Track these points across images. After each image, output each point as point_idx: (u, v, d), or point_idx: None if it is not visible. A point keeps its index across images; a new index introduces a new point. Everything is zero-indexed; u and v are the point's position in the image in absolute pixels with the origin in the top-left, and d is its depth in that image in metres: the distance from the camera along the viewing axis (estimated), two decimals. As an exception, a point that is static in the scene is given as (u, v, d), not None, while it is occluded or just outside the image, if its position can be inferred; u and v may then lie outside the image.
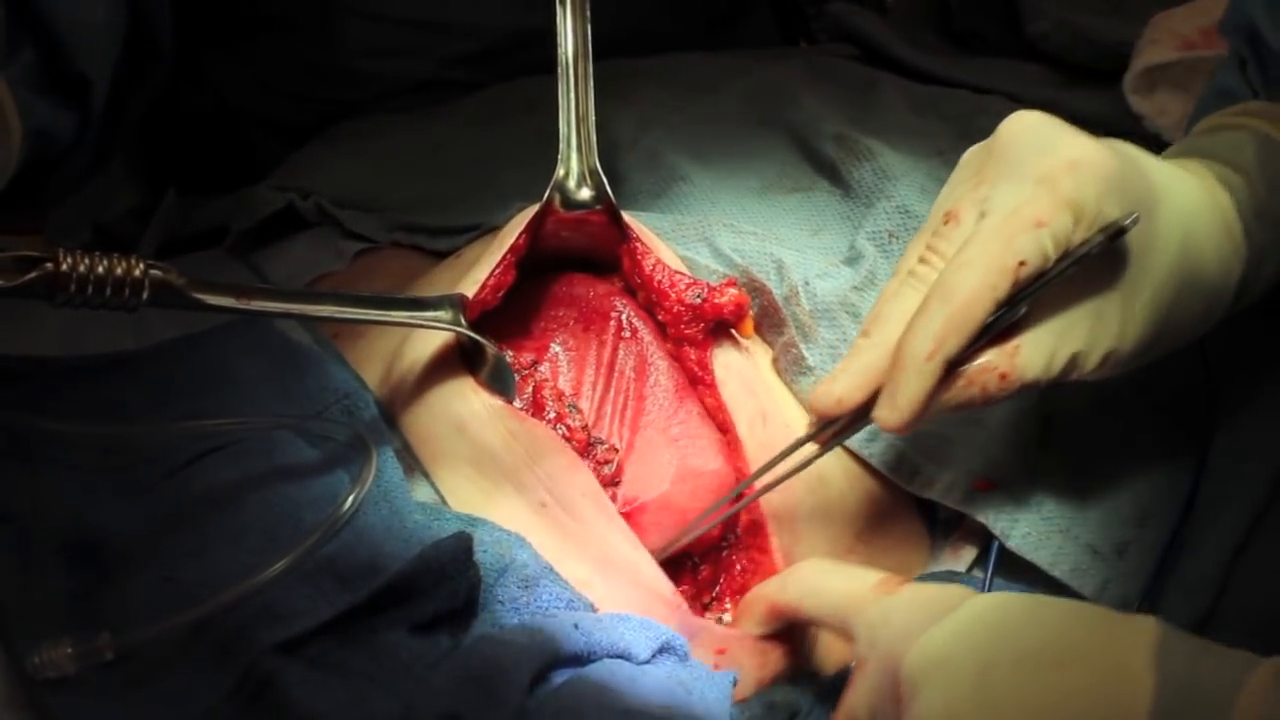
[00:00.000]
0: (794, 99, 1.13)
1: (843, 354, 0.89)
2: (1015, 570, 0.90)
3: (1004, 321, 0.76)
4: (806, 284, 0.94)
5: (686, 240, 0.98)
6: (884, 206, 1.01)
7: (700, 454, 0.89)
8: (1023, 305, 0.76)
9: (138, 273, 0.70)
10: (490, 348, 0.86)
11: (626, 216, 0.93)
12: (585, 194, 0.92)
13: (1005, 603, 0.71)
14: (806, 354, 0.93)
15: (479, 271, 0.89)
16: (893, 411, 0.76)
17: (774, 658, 0.82)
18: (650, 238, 0.94)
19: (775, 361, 0.96)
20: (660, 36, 1.29)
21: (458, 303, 0.85)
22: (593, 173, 0.92)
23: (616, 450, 0.88)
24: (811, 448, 0.83)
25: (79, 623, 0.71)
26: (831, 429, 0.82)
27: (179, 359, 0.89)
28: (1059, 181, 0.75)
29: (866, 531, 0.92)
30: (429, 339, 0.87)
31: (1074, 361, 0.78)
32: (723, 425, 0.91)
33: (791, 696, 0.81)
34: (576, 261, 0.96)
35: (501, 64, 1.24)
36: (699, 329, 0.91)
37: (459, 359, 0.87)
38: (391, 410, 0.89)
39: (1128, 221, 0.74)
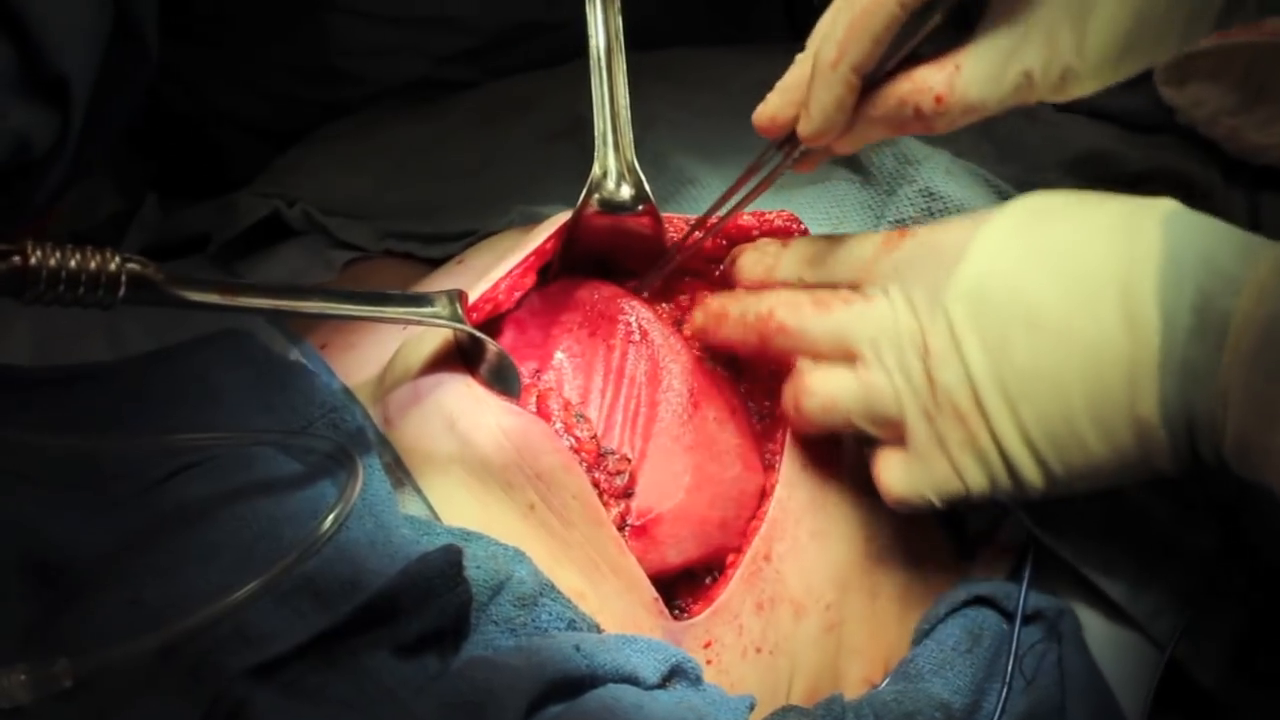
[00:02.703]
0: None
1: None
2: (1051, 584, 0.87)
3: (923, 31, 0.73)
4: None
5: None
6: (906, 192, 0.98)
7: (718, 460, 0.84)
8: (936, 14, 0.72)
9: (113, 267, 0.65)
10: (491, 344, 0.81)
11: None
12: (625, 193, 0.86)
13: (1004, 251, 0.74)
14: None
15: (495, 271, 0.84)
16: (806, 122, 0.76)
17: None
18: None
19: None
20: (666, 31, 1.24)
21: (456, 299, 0.80)
22: (631, 170, 0.87)
23: (629, 460, 0.83)
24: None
25: (37, 648, 0.66)
26: (783, 153, 0.81)
27: (155, 371, 0.85)
28: None
29: (892, 543, 0.87)
30: (425, 340, 0.82)
31: (1027, 81, 0.73)
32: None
33: (808, 718, 0.78)
34: (591, 266, 0.91)
35: (497, 60, 1.20)
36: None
37: (457, 359, 0.82)
38: (382, 422, 0.84)
39: None
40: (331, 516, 0.70)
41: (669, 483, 0.83)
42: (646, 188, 0.86)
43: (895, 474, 0.78)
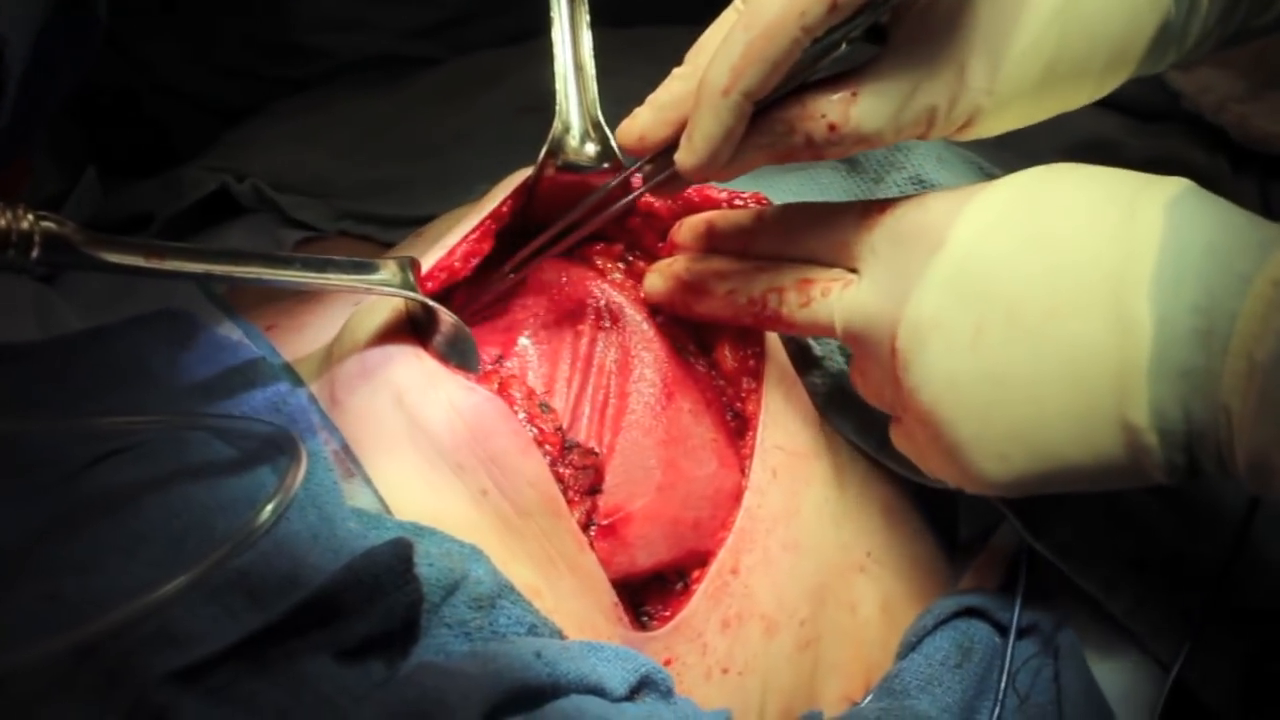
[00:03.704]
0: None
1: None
2: (1047, 595, 0.83)
3: (830, 59, 0.68)
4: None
5: None
6: (895, 179, 0.93)
7: (692, 456, 0.78)
8: (843, 43, 0.68)
9: (25, 225, 0.60)
10: (446, 314, 0.75)
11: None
12: (590, 150, 0.81)
13: (992, 230, 0.68)
14: (813, 343, 0.86)
15: (450, 238, 0.79)
16: (688, 152, 0.70)
17: None
18: None
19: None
20: (645, 9, 1.20)
21: (407, 266, 0.75)
22: (596, 126, 0.82)
23: (596, 454, 0.78)
24: None
25: (-58, 648, 0.60)
26: (646, 171, 0.76)
27: (84, 350, 0.79)
28: None
29: (880, 549, 0.83)
30: (376, 309, 0.77)
31: (930, 116, 0.69)
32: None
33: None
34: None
35: (462, 35, 1.17)
36: None
37: (409, 331, 0.77)
38: (329, 402, 0.78)
39: None
40: (270, 506, 0.64)
41: (639, 479, 0.78)
42: (613, 144, 0.81)
43: (896, 442, 0.75)
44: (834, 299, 0.74)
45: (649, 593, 0.78)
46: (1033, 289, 0.66)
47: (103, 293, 0.95)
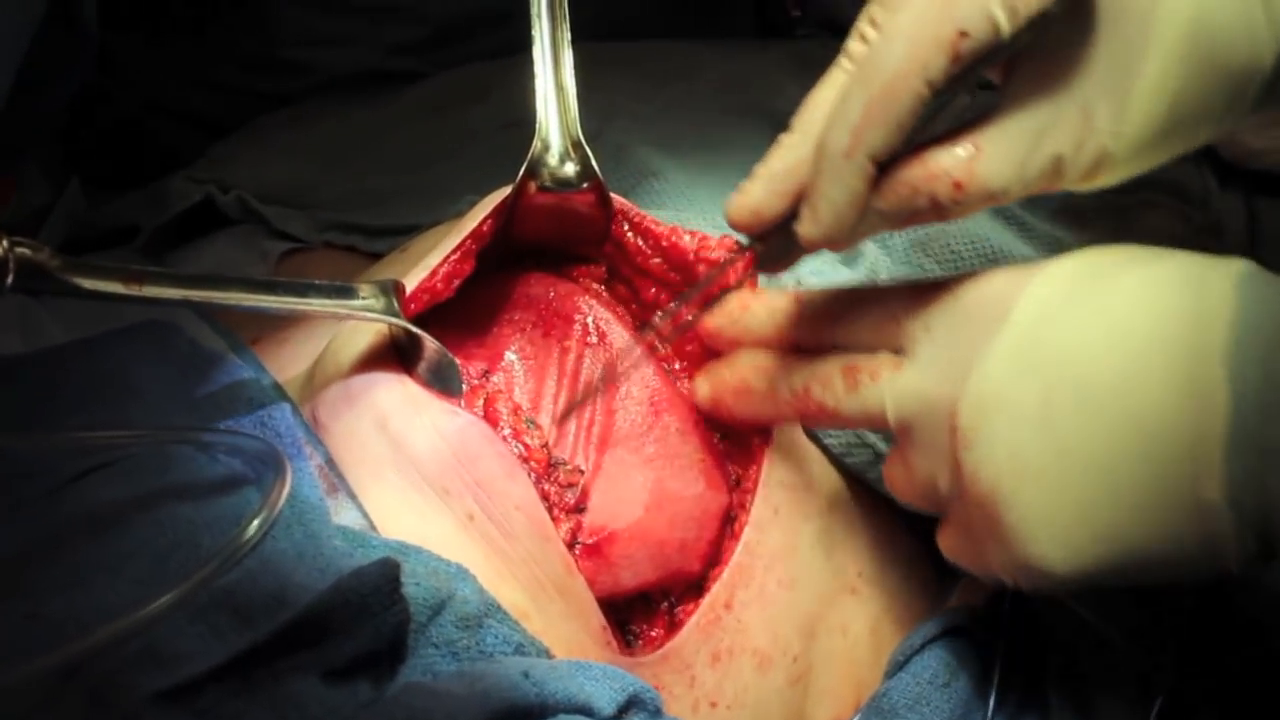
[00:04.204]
0: (778, 88, 1.05)
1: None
2: (1037, 613, 0.81)
3: (951, 112, 0.65)
4: (799, 284, 0.84)
5: None
6: None
7: (679, 476, 0.78)
8: (962, 92, 0.64)
9: None
10: (429, 341, 0.74)
11: (615, 196, 0.82)
12: (569, 170, 0.79)
13: (1057, 299, 0.65)
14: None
15: (431, 259, 0.78)
16: (814, 224, 0.66)
17: None
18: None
19: None
20: (635, 26, 1.20)
21: (391, 290, 0.74)
22: (576, 145, 0.80)
23: (581, 472, 0.77)
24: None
25: (-78, 669, 0.59)
26: (759, 250, 0.73)
27: (68, 364, 0.78)
28: None
29: (870, 568, 0.82)
30: (358, 334, 0.76)
31: (1056, 166, 0.66)
32: None
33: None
34: (538, 254, 0.85)
35: (453, 50, 1.16)
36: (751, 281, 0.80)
37: (392, 355, 0.76)
38: (314, 422, 0.77)
39: None
40: (256, 523, 0.63)
41: (625, 499, 0.77)
42: (594, 164, 0.79)
43: (945, 543, 0.72)
44: (884, 383, 0.70)
45: (633, 612, 0.77)
46: (1103, 361, 0.63)
47: (87, 303, 0.94)
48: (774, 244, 0.72)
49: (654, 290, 0.83)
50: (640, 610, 0.77)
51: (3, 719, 0.58)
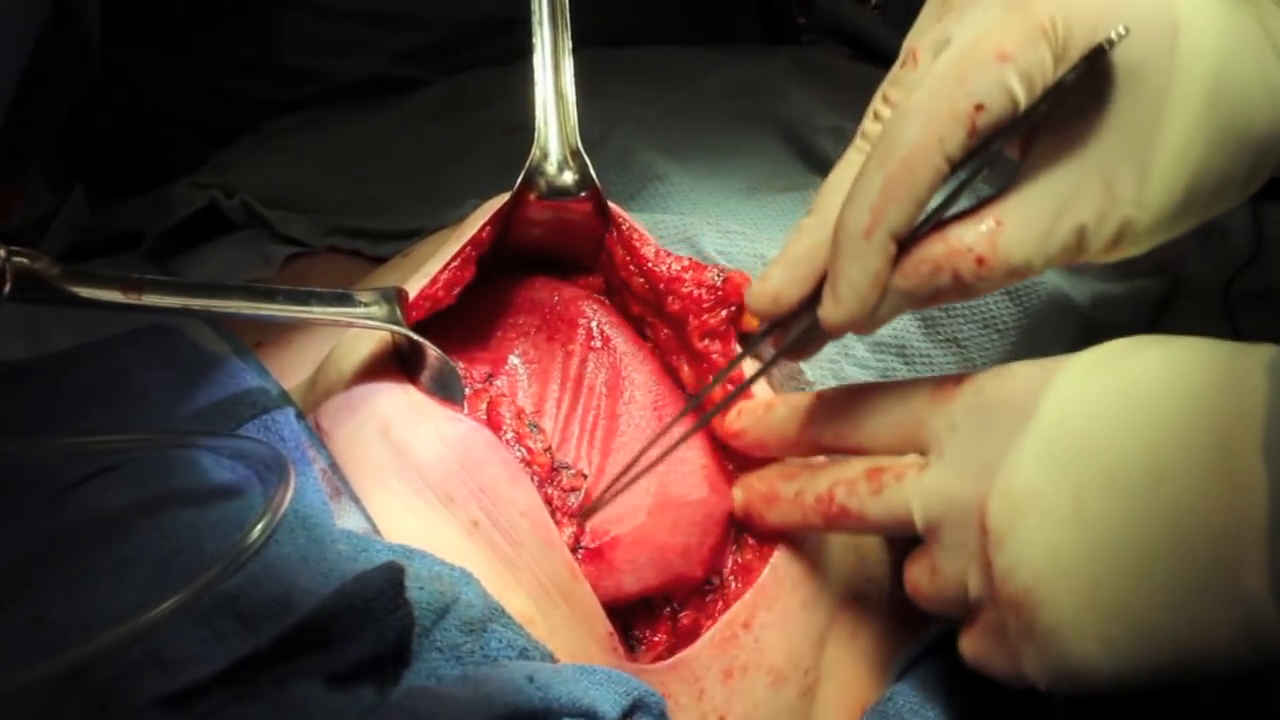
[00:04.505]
0: (783, 93, 1.05)
1: (846, 371, 0.78)
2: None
3: (969, 184, 0.63)
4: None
5: (665, 240, 0.88)
6: None
7: (683, 481, 0.77)
8: (983, 164, 0.63)
9: None
10: (431, 349, 0.74)
11: (612, 205, 0.81)
12: (568, 178, 0.79)
13: (1087, 393, 0.63)
14: (804, 368, 0.83)
15: (432, 265, 0.78)
16: (835, 306, 0.65)
17: None
18: (641, 227, 0.82)
19: (769, 379, 0.84)
20: (640, 32, 1.20)
21: (393, 298, 0.74)
22: (575, 155, 0.80)
23: (585, 476, 0.77)
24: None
25: (-74, 676, 0.58)
26: (781, 334, 0.72)
27: (71, 369, 0.78)
28: (1033, 3, 0.62)
29: (878, 578, 0.81)
30: (361, 340, 0.76)
31: (1079, 238, 0.64)
32: None
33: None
34: (541, 262, 0.85)
35: (458, 58, 1.16)
36: (722, 318, 0.79)
37: (394, 362, 0.76)
38: (317, 429, 0.77)
39: (1111, 35, 0.61)
40: (259, 527, 0.63)
41: (629, 503, 0.76)
42: (592, 174, 0.79)
43: (971, 648, 0.69)
44: (909, 483, 0.68)
45: (636, 617, 0.77)
46: (1135, 453, 0.61)
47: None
48: (798, 329, 0.71)
49: (638, 309, 0.83)
50: (643, 615, 0.76)
51: (6, 724, 0.58)
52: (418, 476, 0.71)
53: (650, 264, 0.80)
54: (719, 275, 0.79)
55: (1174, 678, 0.61)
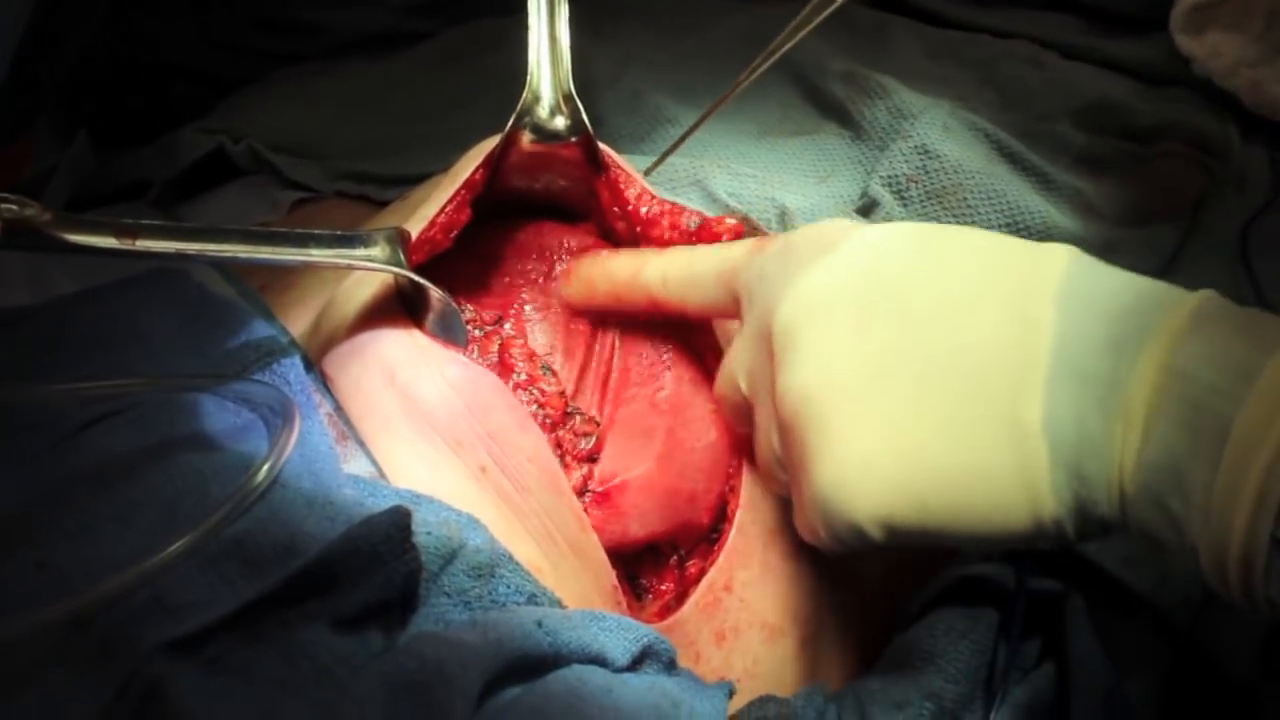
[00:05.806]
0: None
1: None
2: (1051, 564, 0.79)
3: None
4: (785, 213, 0.84)
5: (675, 183, 0.87)
6: (901, 148, 0.91)
7: (690, 427, 0.77)
8: None
9: None
10: (435, 291, 0.73)
11: (604, 148, 0.80)
12: (559, 123, 0.78)
13: (891, 235, 0.64)
14: None
15: (428, 208, 0.77)
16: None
17: None
18: (632, 172, 0.81)
19: None
20: None
21: (395, 239, 0.73)
22: (568, 99, 0.79)
23: (596, 423, 0.77)
24: None
25: (-70, 622, 0.58)
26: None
27: (76, 314, 0.77)
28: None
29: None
30: (364, 283, 0.75)
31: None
32: None
33: (788, 709, 0.70)
34: (540, 207, 0.84)
35: (464, 10, 1.13)
36: None
37: (399, 305, 0.75)
38: (323, 369, 0.76)
39: None
40: (265, 469, 0.63)
41: (638, 448, 0.76)
42: (584, 119, 0.78)
43: (795, 520, 0.67)
44: (734, 350, 0.70)
45: (643, 565, 0.76)
46: (926, 284, 0.61)
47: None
48: None
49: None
50: (650, 563, 0.76)
51: (14, 669, 0.57)
52: (425, 421, 0.71)
53: (631, 205, 0.79)
54: (695, 220, 0.78)
55: (948, 527, 0.59)
